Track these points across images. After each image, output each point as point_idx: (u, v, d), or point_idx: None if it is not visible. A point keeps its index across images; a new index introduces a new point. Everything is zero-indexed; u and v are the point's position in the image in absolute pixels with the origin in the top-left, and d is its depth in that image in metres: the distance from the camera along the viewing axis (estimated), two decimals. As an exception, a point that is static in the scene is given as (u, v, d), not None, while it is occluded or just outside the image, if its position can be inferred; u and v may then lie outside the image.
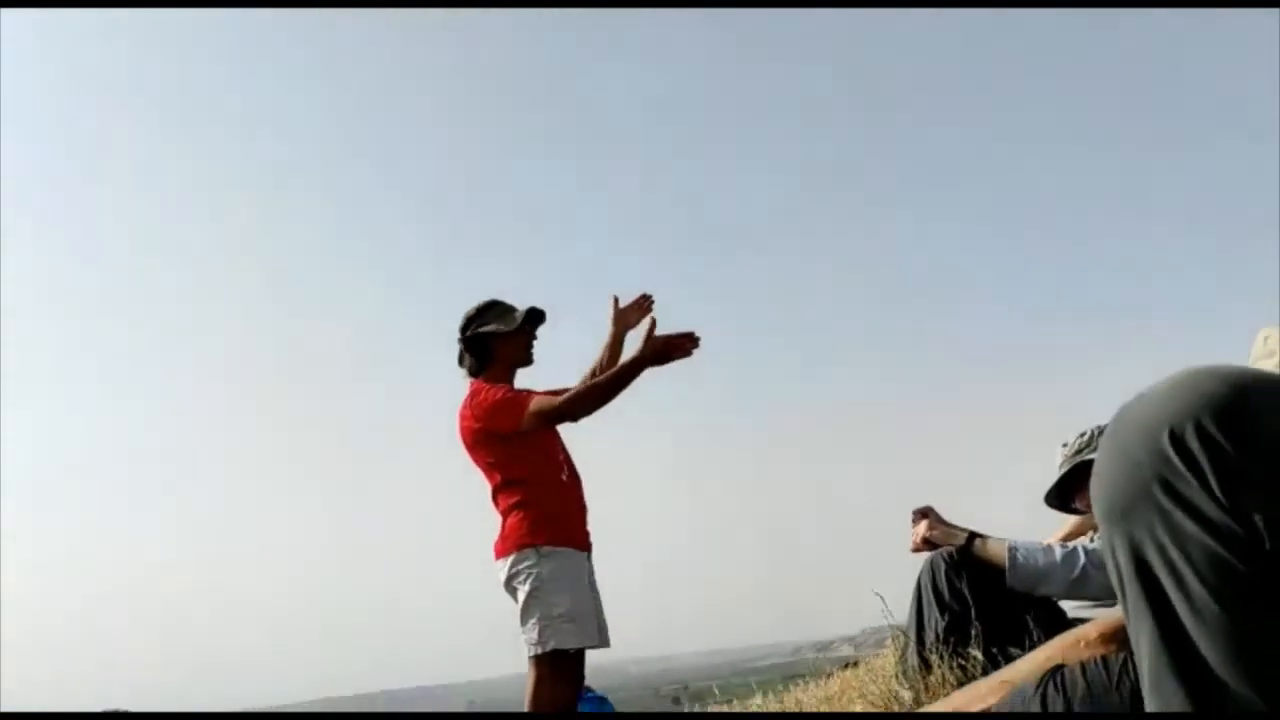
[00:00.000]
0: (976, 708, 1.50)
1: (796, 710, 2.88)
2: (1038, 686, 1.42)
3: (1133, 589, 0.86)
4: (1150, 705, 0.87)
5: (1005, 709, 1.44)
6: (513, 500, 3.28)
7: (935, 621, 2.36)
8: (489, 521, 3.38)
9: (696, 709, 4.93)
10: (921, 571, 2.45)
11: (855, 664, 4.55)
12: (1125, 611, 0.88)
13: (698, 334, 3.26)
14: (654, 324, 3.22)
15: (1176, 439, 0.82)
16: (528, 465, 3.32)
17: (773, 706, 3.20)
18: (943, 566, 2.40)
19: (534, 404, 3.22)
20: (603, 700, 4.28)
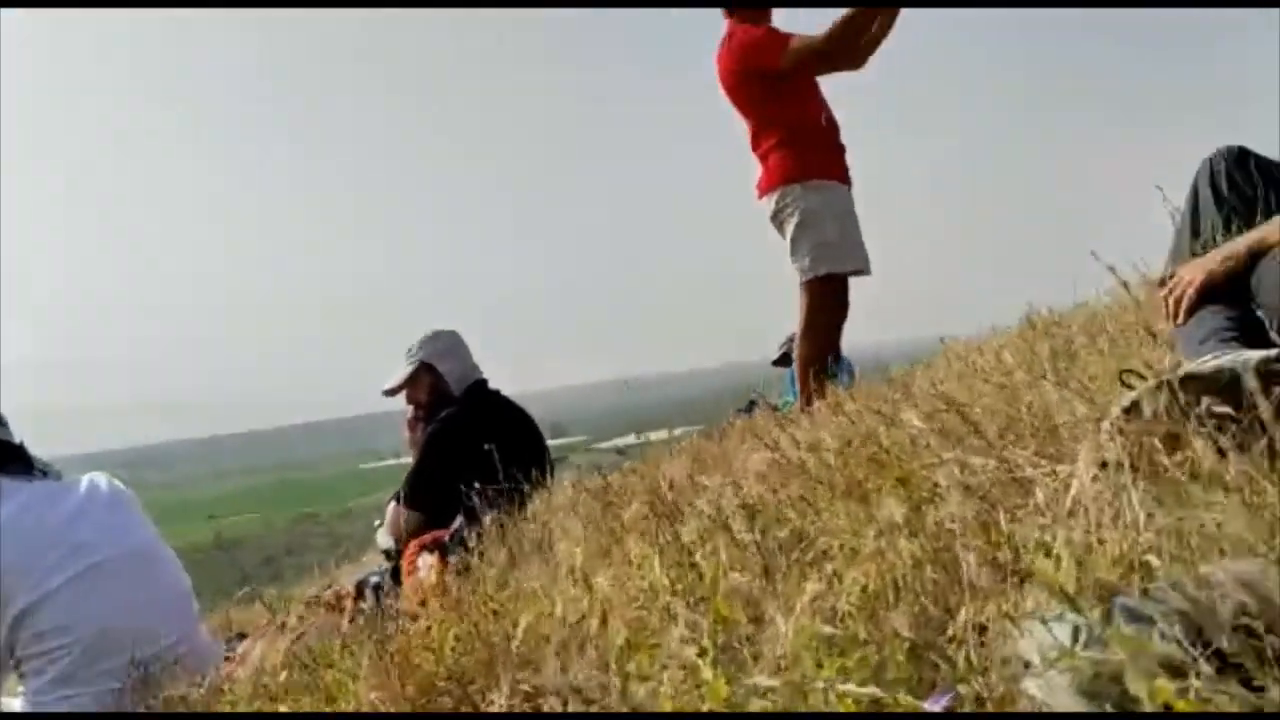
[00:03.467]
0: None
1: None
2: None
3: None
4: None
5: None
6: (773, 140, 3.36)
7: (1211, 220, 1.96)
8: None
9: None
10: (1198, 174, 1.99)
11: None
12: None
13: None
14: None
15: None
16: (788, 107, 3.36)
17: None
18: (1223, 165, 1.94)
19: (795, 41, 3.24)
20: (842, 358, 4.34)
